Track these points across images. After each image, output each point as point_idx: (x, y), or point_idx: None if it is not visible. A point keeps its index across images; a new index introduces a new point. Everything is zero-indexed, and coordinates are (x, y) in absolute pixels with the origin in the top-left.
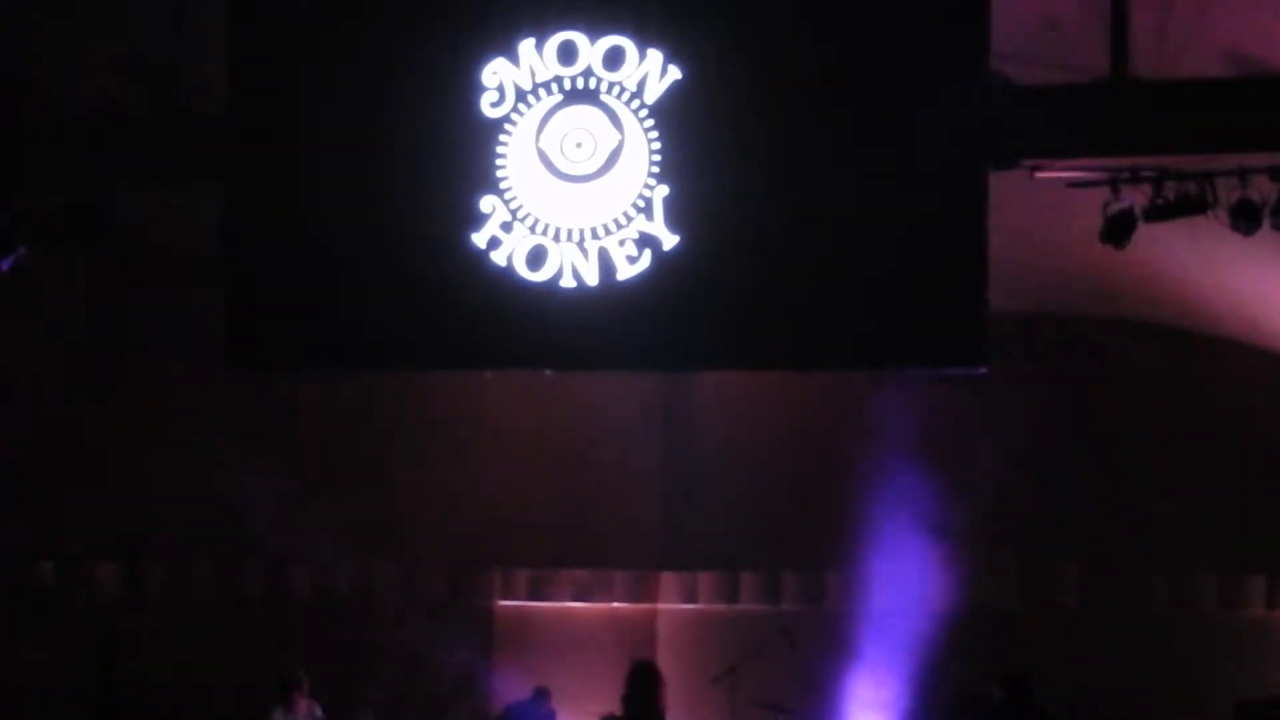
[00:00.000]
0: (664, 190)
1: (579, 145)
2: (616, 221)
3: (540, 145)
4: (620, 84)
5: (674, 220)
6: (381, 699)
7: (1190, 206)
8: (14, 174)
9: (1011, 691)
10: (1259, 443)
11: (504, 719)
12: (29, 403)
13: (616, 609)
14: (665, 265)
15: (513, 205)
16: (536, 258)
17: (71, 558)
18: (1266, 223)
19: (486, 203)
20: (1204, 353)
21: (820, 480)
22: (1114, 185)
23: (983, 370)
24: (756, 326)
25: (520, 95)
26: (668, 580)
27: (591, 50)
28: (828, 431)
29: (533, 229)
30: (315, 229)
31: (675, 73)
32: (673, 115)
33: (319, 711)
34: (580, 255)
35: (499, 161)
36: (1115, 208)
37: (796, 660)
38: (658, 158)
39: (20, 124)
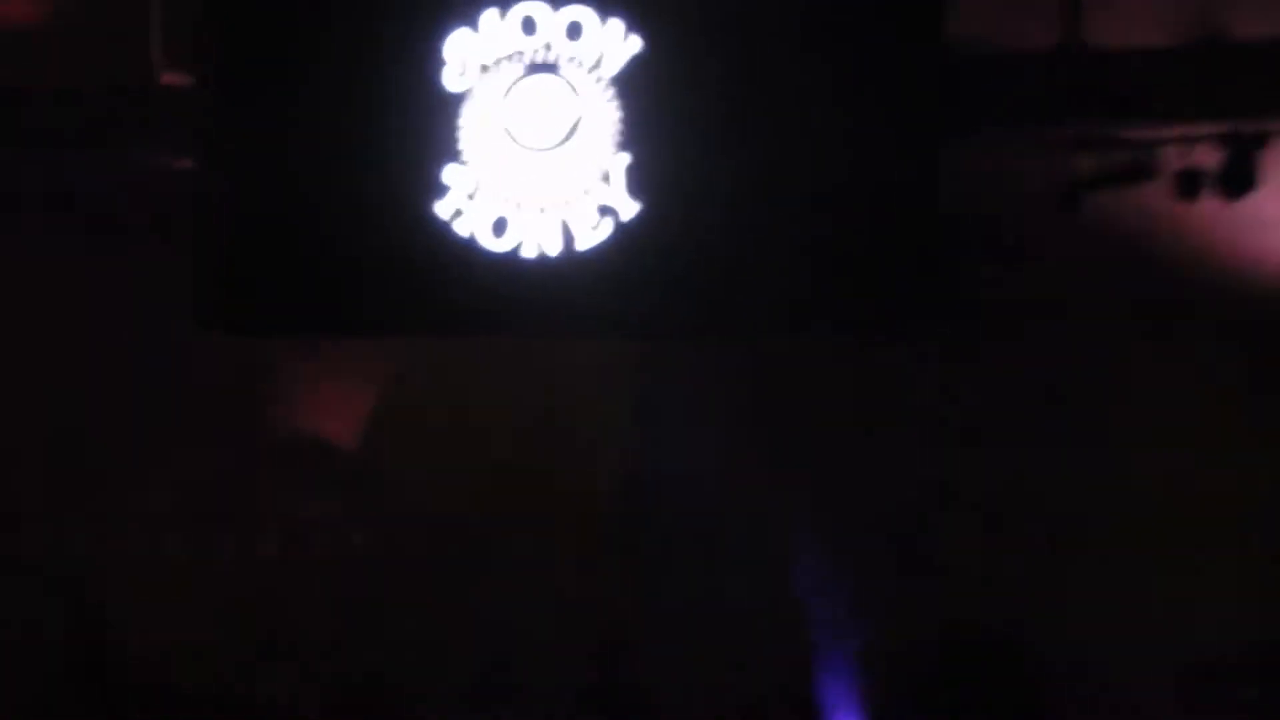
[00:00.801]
0: (624, 160)
1: (540, 116)
2: (578, 192)
3: (502, 117)
4: (581, 55)
5: (635, 189)
6: None
7: (1137, 173)
8: None
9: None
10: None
11: None
12: None
13: None
14: (625, 233)
15: (475, 176)
16: (499, 227)
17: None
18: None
19: (449, 174)
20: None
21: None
22: (1065, 154)
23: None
24: (717, 295)
25: (482, 68)
26: None
27: (552, 21)
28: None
29: (495, 199)
30: (284, 199)
31: (636, 43)
32: (634, 85)
33: None
34: (542, 224)
35: (460, 133)
36: (1067, 176)
37: None
38: (619, 128)
39: None
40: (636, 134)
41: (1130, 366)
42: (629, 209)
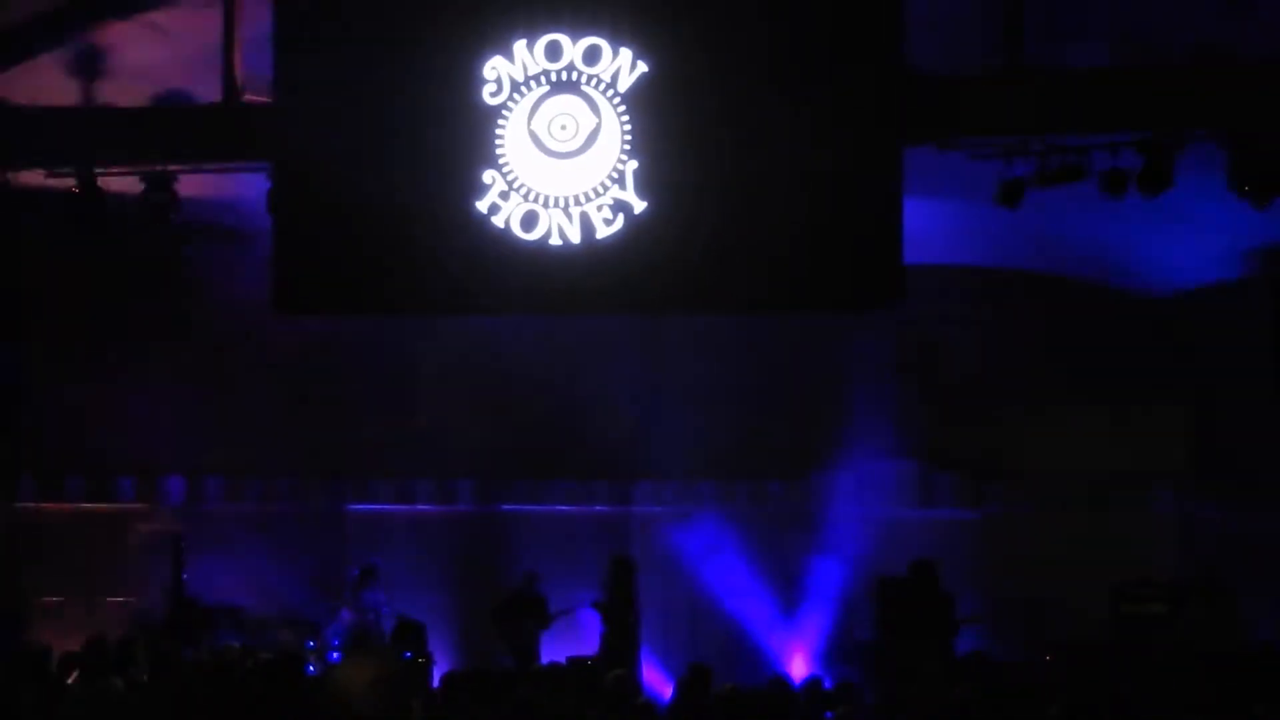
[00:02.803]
0: (634, 164)
1: (564, 127)
2: (595, 190)
3: (531, 127)
4: (598, 76)
5: (643, 189)
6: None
7: (1070, 174)
8: (88, 151)
9: (918, 575)
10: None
11: (500, 601)
12: None
13: (598, 513)
14: (637, 226)
15: (509, 177)
16: (529, 221)
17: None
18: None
19: (488, 175)
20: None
21: (779, 405)
22: (1007, 157)
23: (895, 307)
24: (713, 276)
25: (515, 86)
26: (641, 488)
27: (573, 48)
28: (787, 362)
29: (526, 197)
30: (348, 198)
31: (643, 67)
32: (641, 102)
33: (383, 598)
34: (565, 218)
35: (498, 141)
36: (1008, 175)
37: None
38: (629, 137)
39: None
40: (644, 143)
41: None
42: (639, 205)
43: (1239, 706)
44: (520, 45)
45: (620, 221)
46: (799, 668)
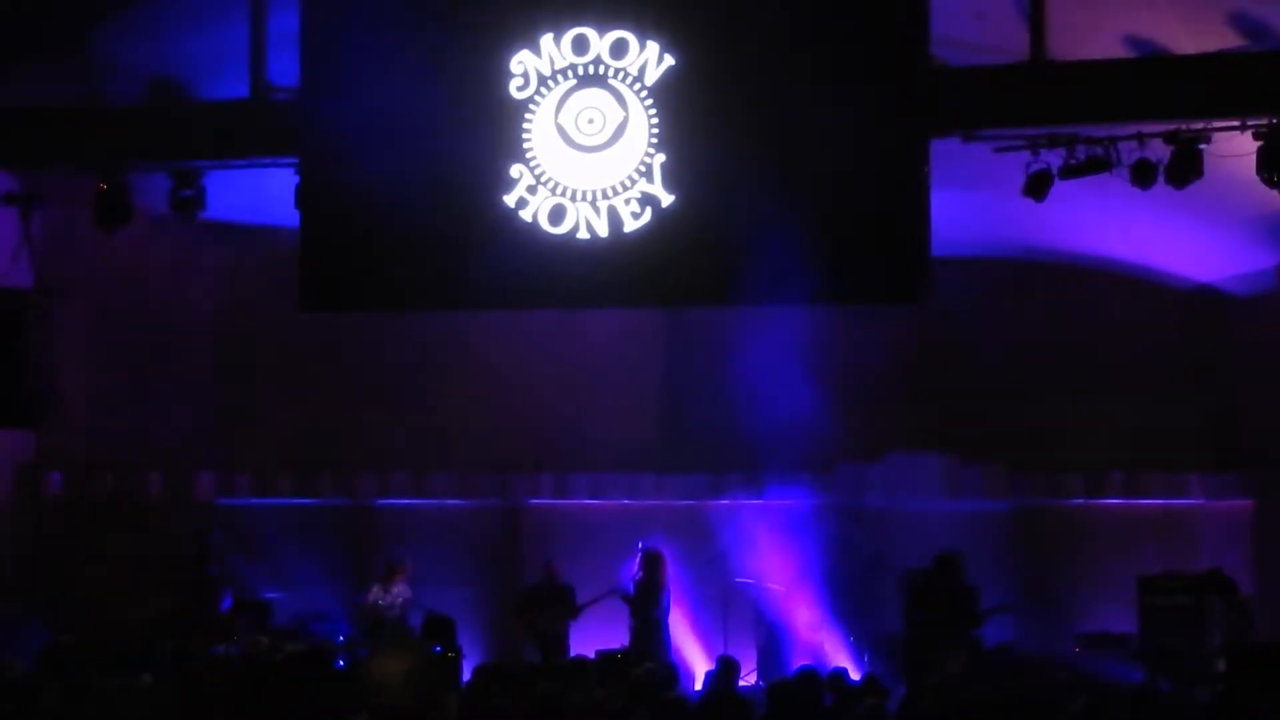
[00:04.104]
0: (661, 158)
1: (591, 121)
2: (623, 184)
3: (559, 121)
4: (625, 70)
5: (670, 182)
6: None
7: (1097, 166)
8: (121, 147)
9: (943, 567)
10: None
11: (522, 595)
12: None
13: (624, 506)
14: (664, 220)
15: (537, 171)
16: (557, 215)
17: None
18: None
19: (515, 170)
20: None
21: (806, 398)
22: (1033, 149)
23: (921, 302)
24: (741, 269)
25: (542, 80)
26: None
27: (600, 42)
28: (814, 354)
29: (553, 191)
30: (374, 195)
31: (670, 60)
32: (668, 95)
33: (409, 593)
34: (593, 212)
35: (525, 135)
36: (1035, 167)
37: (773, 547)
38: (656, 131)
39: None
40: (672, 136)
41: None
42: (666, 199)
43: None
44: (547, 39)
45: (648, 215)
46: (828, 660)
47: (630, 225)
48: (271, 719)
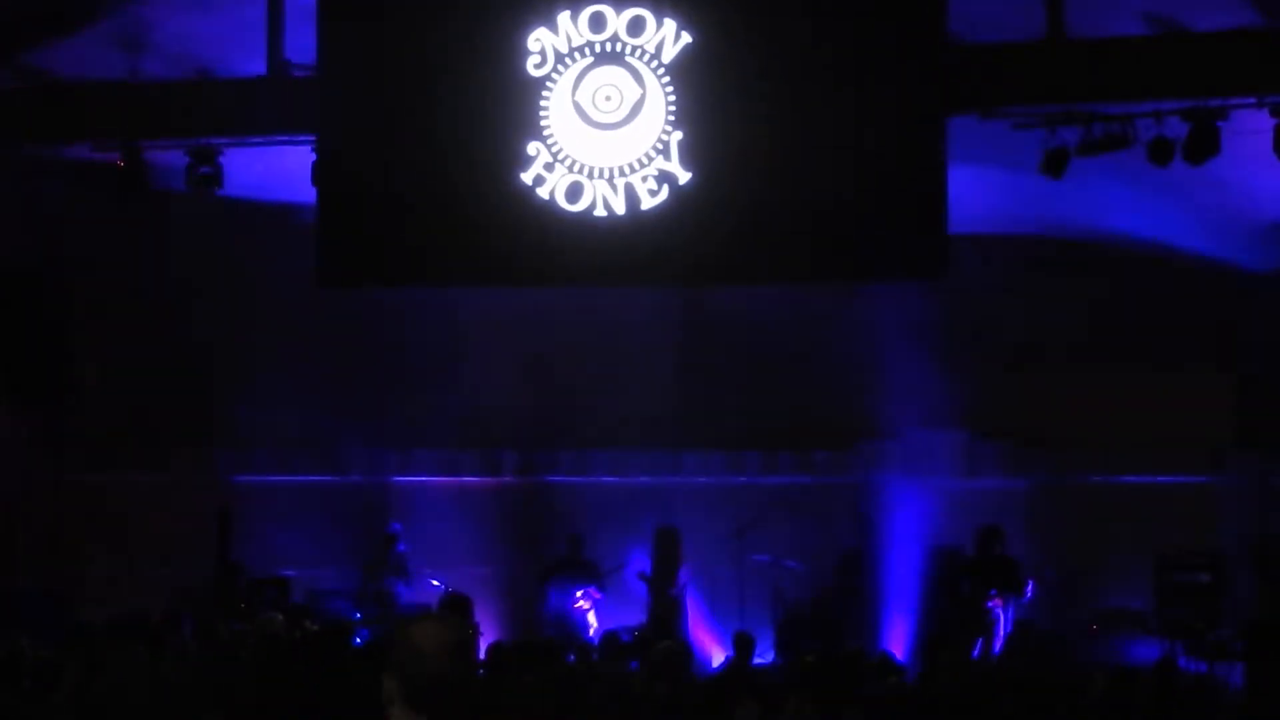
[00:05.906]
0: (679, 135)
1: (608, 98)
2: (640, 161)
3: (576, 99)
4: (642, 47)
5: (688, 160)
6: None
7: (1115, 143)
8: (136, 124)
9: (984, 541)
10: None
11: (547, 567)
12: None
13: (643, 483)
14: (681, 197)
15: (554, 149)
16: (574, 192)
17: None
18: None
19: (532, 147)
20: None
21: (824, 375)
22: (1051, 126)
23: (940, 279)
24: (758, 247)
25: (559, 58)
26: (686, 459)
27: (617, 20)
28: (832, 331)
29: (570, 168)
30: (391, 173)
31: (687, 38)
32: (685, 73)
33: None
34: (610, 190)
35: (542, 113)
36: (1052, 144)
37: (792, 526)
38: (673, 108)
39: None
40: (689, 113)
41: None
42: (684, 176)
43: None
44: (564, 17)
45: (665, 192)
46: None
47: (648, 203)
48: (292, 697)
